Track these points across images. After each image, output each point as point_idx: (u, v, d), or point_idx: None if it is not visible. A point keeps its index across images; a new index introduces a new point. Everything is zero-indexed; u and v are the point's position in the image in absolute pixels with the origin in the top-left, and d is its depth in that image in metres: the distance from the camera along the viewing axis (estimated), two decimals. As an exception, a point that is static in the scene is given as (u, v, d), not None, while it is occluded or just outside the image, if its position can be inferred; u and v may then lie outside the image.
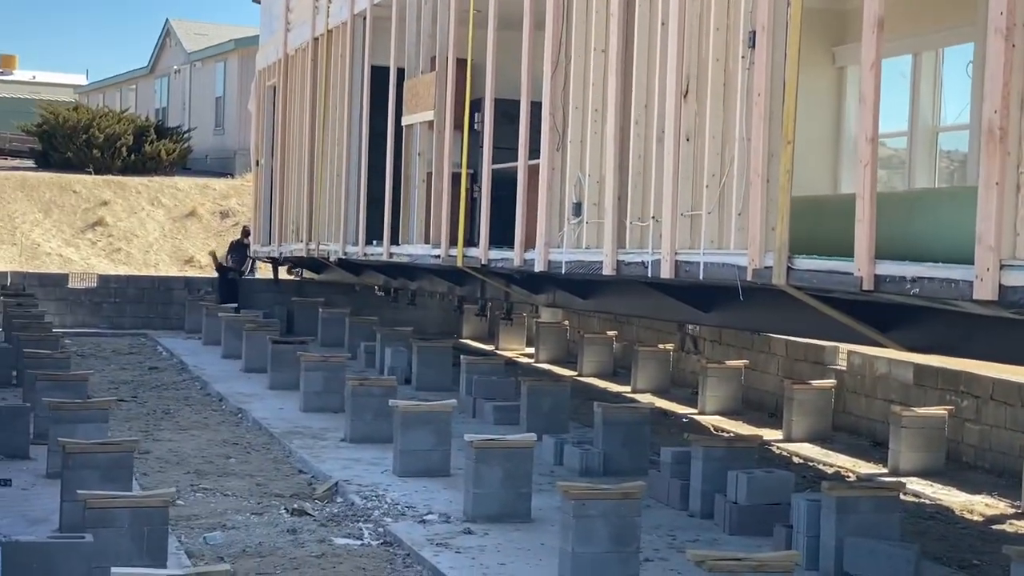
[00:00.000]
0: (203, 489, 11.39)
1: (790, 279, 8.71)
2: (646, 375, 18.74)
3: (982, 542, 10.52)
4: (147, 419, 15.17)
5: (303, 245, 21.87)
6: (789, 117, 8.71)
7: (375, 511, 10.53)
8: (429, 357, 17.95)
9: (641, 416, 12.66)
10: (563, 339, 22.59)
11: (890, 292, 7.86)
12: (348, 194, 19.41)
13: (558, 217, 12.45)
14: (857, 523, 8.87)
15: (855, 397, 15.80)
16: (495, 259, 14.18)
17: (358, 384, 13.83)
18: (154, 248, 31.22)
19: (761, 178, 8.98)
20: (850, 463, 13.81)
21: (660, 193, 10.46)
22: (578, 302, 14.55)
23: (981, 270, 6.87)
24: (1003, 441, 13.47)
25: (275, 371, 17.66)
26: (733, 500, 10.15)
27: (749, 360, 17.63)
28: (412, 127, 16.78)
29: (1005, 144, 6.76)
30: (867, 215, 7.84)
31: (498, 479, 10.21)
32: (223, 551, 9.24)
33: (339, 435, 13.86)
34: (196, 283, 26.36)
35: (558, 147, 12.43)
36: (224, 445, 13.63)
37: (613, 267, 11.22)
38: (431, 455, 11.95)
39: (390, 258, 17.67)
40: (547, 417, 14.21)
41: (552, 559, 8.76)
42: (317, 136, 21.15)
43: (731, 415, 16.68)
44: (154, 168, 35.21)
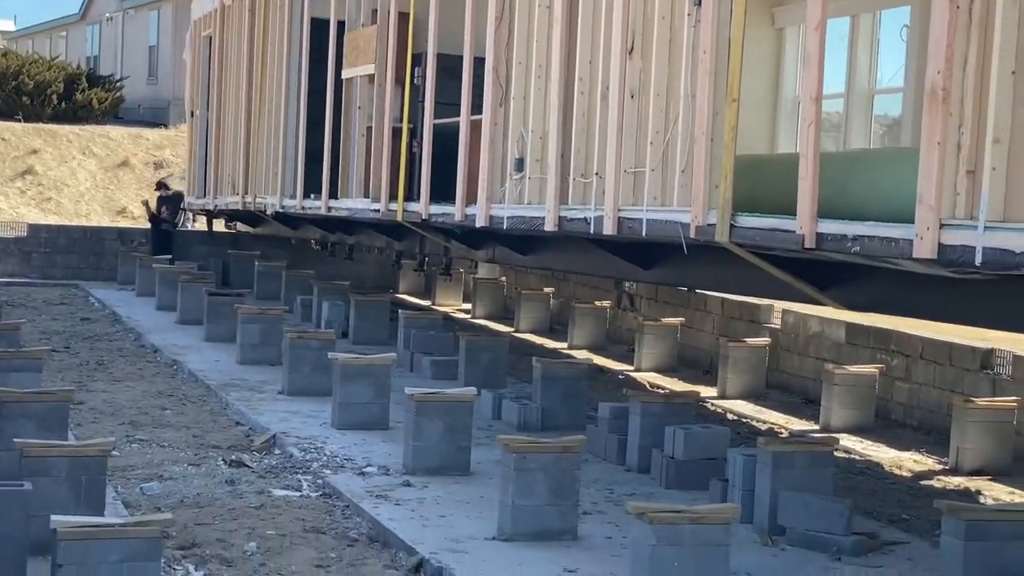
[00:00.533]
0: (139, 440, 11.31)
1: (733, 236, 8.78)
2: (583, 332, 18.84)
3: (911, 497, 10.73)
4: (80, 370, 15.03)
5: (239, 198, 21.68)
6: (734, 75, 8.75)
7: (314, 463, 10.53)
8: (367, 311, 17.91)
9: (579, 372, 12.74)
10: (500, 295, 22.64)
11: (831, 250, 7.96)
12: (286, 147, 19.26)
13: (500, 173, 12.45)
14: (791, 478, 9.00)
15: (788, 355, 16.00)
16: (435, 214, 14.15)
17: (296, 337, 13.78)
18: (85, 198, 30.81)
19: (705, 136, 9.03)
20: (783, 420, 14.01)
21: (604, 150, 10.48)
22: (518, 258, 14.57)
23: (921, 229, 6.97)
24: (931, 399, 13.72)
25: (211, 323, 17.54)
26: (670, 455, 10.26)
27: (685, 318, 17.78)
28: (352, 81, 16.66)
29: (947, 104, 6.84)
30: (810, 173, 7.92)
31: (438, 432, 10.23)
32: (160, 502, 9.20)
33: (276, 388, 13.81)
34: (129, 234, 26.07)
35: (501, 103, 12.40)
36: (159, 397, 13.54)
37: (555, 223, 11.24)
38: (370, 408, 11.95)
39: (328, 212, 17.57)
40: (485, 372, 14.25)
41: (491, 511, 8.81)
42: (255, 88, 20.92)
43: (667, 372, 16.83)
44: (85, 117, 34.70)
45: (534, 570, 7.83)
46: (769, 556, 8.50)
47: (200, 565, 7.79)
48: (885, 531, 9.27)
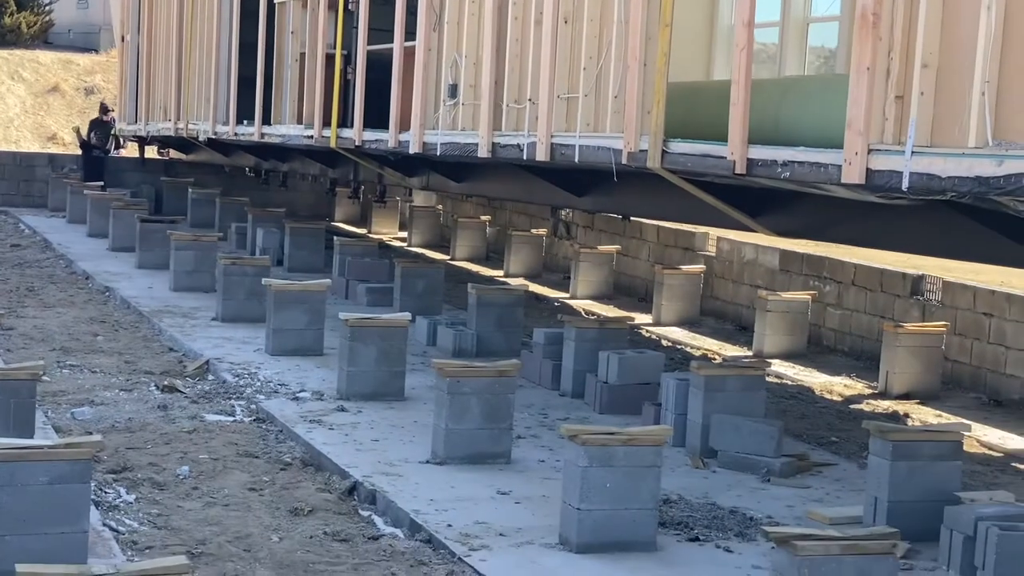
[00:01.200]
0: (70, 366, 11.24)
1: (664, 163, 8.81)
2: (519, 260, 18.89)
3: (840, 420, 10.91)
4: (10, 296, 14.85)
5: (171, 124, 21.41)
6: (667, 0, 8.73)
7: (247, 389, 10.52)
8: (302, 239, 17.82)
9: (514, 298, 12.78)
10: (436, 223, 22.61)
11: (762, 176, 8.01)
12: (219, 72, 19.00)
13: (434, 99, 12.38)
14: (723, 401, 9.12)
15: (723, 282, 16.15)
16: (369, 140, 14.07)
17: (230, 263, 13.69)
18: (15, 124, 30.29)
19: (638, 61, 9.02)
20: (717, 346, 14.16)
21: (537, 76, 10.45)
22: (452, 185, 14.55)
23: (850, 154, 7.04)
24: (862, 325, 13.92)
25: (144, 250, 17.38)
26: (604, 380, 10.35)
27: (621, 246, 17.86)
28: (285, 5, 16.46)
29: (878, 29, 6.88)
30: (741, 99, 7.95)
31: (372, 358, 10.25)
32: (92, 426, 9.16)
33: (210, 314, 13.74)
34: (60, 160, 25.69)
35: (435, 28, 12.30)
36: (91, 323, 13.43)
37: (488, 149, 11.22)
38: (304, 334, 11.93)
39: (261, 139, 17.41)
40: (421, 299, 14.26)
41: (425, 436, 8.87)
42: (186, 12, 20.59)
43: (602, 300, 16.93)
44: (14, 41, 34.02)
45: (467, 492, 7.90)
46: (700, 478, 8.64)
47: (132, 488, 7.79)
48: (814, 453, 9.45)
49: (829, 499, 8.33)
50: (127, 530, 7.06)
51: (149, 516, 7.34)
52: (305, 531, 7.21)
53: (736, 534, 7.44)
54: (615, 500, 6.95)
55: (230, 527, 7.21)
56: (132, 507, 7.48)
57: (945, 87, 6.66)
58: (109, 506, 7.44)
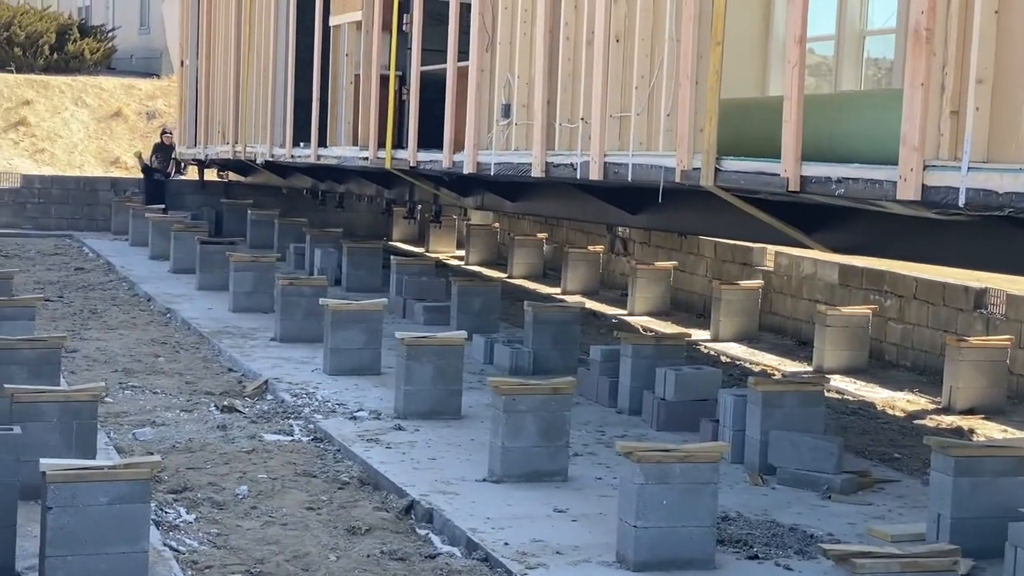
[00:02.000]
0: (132, 387, 11.38)
1: (717, 180, 8.79)
2: (576, 277, 18.89)
3: (903, 436, 10.81)
4: (74, 319, 15.07)
5: (229, 147, 21.63)
6: (719, 18, 8.72)
7: (305, 408, 10.60)
8: (359, 258, 17.94)
9: (571, 315, 12.79)
10: (493, 241, 22.67)
11: (815, 193, 7.97)
12: (275, 96, 19.19)
13: (487, 119, 12.43)
14: (782, 417, 9.07)
15: (781, 297, 16.06)
16: (424, 161, 14.14)
17: (288, 284, 13.82)
18: (79, 149, 30.69)
19: (690, 79, 9.02)
20: (776, 362, 14.08)
21: (589, 95, 10.47)
22: (507, 204, 14.59)
23: (905, 170, 6.99)
24: (924, 339, 13.78)
25: (204, 272, 17.57)
26: (661, 396, 10.33)
27: (678, 262, 17.82)
28: (340, 28, 16.60)
29: (931, 44, 6.84)
30: (794, 116, 7.92)
31: (429, 376, 10.29)
32: (153, 447, 9.27)
33: (269, 335, 13.86)
34: (122, 184, 26.03)
35: (487, 48, 12.36)
36: (152, 344, 13.60)
37: (542, 169, 11.25)
38: (361, 354, 12.01)
39: (317, 160, 17.55)
40: (477, 317, 14.30)
41: (482, 454, 8.89)
42: (243, 37, 20.82)
43: (660, 316, 16.89)
44: (77, 67, 34.50)
45: (524, 510, 7.92)
46: (759, 495, 8.60)
47: (191, 508, 7.87)
48: (876, 470, 9.37)
49: (891, 516, 8.26)
50: (187, 550, 7.14)
51: (208, 536, 7.42)
52: (363, 550, 7.25)
53: (796, 552, 7.40)
54: (672, 517, 6.94)
55: (288, 546, 7.27)
56: (192, 527, 7.56)
57: (1000, 102, 6.59)
58: (169, 526, 7.53)
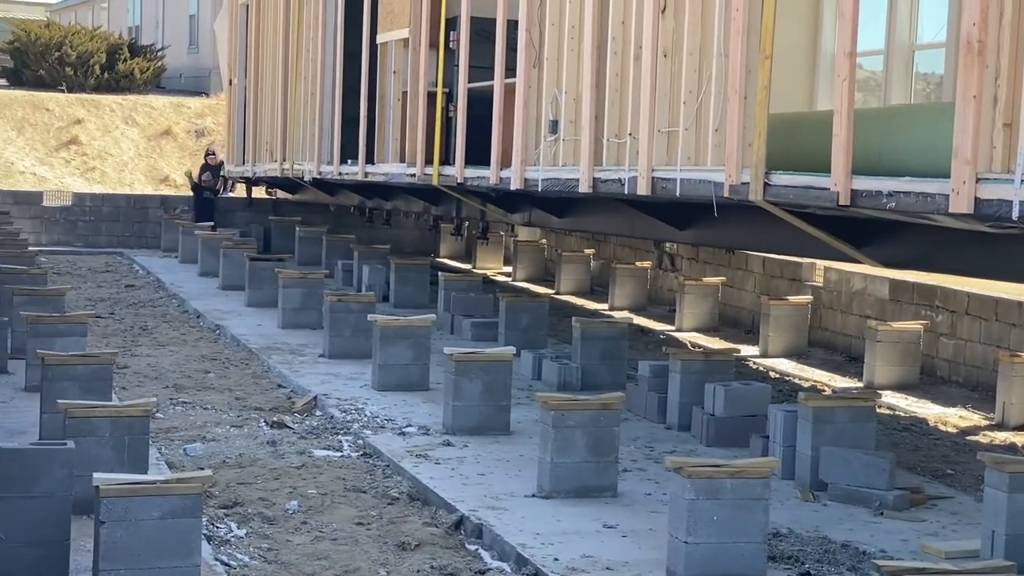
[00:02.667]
0: (182, 403, 11.46)
1: (767, 195, 8.76)
2: (624, 293, 18.84)
3: (955, 452, 10.70)
4: (125, 335, 15.20)
5: (277, 165, 21.77)
6: (767, 32, 8.70)
7: (354, 424, 10.63)
8: (407, 274, 17.99)
9: (619, 331, 12.76)
10: (540, 257, 22.68)
11: (866, 207, 7.92)
12: (322, 113, 19.30)
13: (534, 135, 12.44)
14: (833, 433, 9.01)
15: (831, 313, 15.95)
16: (471, 177, 14.17)
17: (337, 300, 13.87)
18: (129, 167, 31.00)
19: (738, 94, 8.99)
20: (826, 377, 13.99)
21: (637, 110, 10.46)
22: (554, 221, 14.58)
23: (957, 183, 6.94)
24: (977, 355, 13.64)
25: (253, 288, 17.68)
26: (710, 412, 10.28)
27: (726, 277, 17.75)
28: (387, 45, 16.67)
29: (983, 57, 6.79)
30: (844, 130, 7.88)
31: (477, 392, 10.30)
32: (203, 462, 9.33)
33: (317, 351, 13.93)
34: (172, 202, 26.27)
35: (535, 64, 12.38)
36: (203, 360, 13.69)
37: (589, 184, 11.24)
38: (410, 369, 12.03)
39: (365, 177, 17.63)
40: (525, 333, 14.30)
41: (531, 470, 8.88)
42: (291, 55, 20.97)
43: (708, 332, 16.83)
44: (128, 87, 34.87)
45: (573, 525, 7.90)
46: (810, 511, 8.54)
47: (242, 523, 7.91)
48: (929, 486, 9.28)
49: (945, 533, 8.18)
50: (238, 564, 7.17)
51: (259, 550, 7.45)
52: (412, 565, 7.26)
53: (848, 568, 7.34)
54: (723, 533, 6.90)
55: (338, 561, 7.28)
56: (243, 541, 7.60)
57: (1054, 113, 6.55)
58: (220, 540, 7.57)
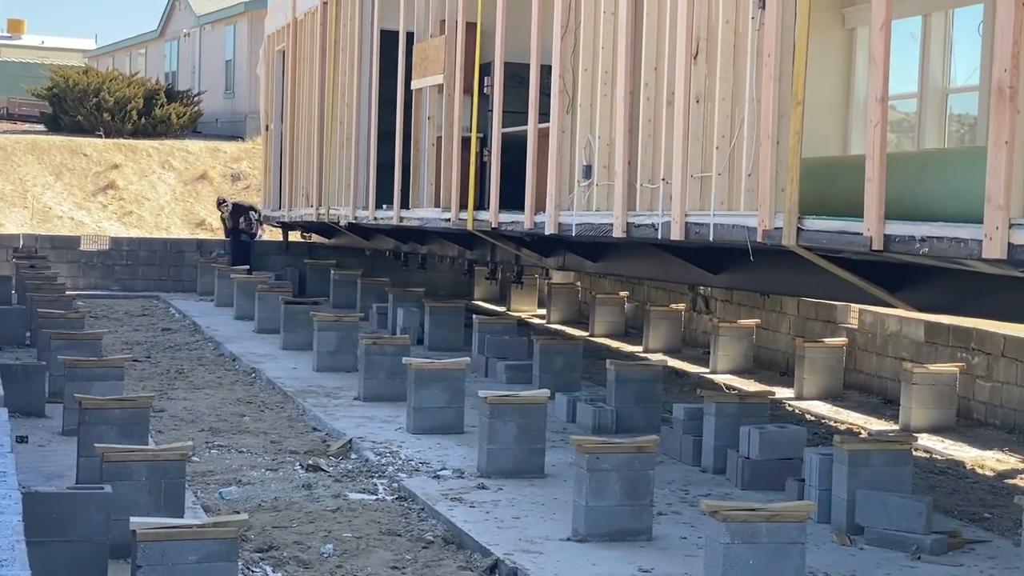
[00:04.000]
0: (218, 446, 11.53)
1: (800, 240, 8.79)
2: (658, 335, 18.85)
3: (993, 496, 10.64)
4: (161, 379, 15.32)
5: (313, 210, 21.94)
6: (799, 78, 8.76)
7: (389, 467, 10.68)
8: (441, 317, 18.07)
9: (653, 373, 12.77)
10: (575, 300, 22.71)
11: (899, 252, 7.94)
12: (358, 158, 19.47)
13: (568, 180, 12.52)
14: (869, 477, 8.98)
15: (866, 355, 15.91)
16: (505, 222, 14.25)
17: (371, 343, 13.95)
18: (165, 211, 31.31)
19: (771, 139, 9.05)
20: (861, 420, 13.94)
21: (670, 155, 10.53)
22: (588, 265, 14.63)
23: (990, 229, 6.95)
24: (1014, 397, 13.57)
25: (288, 331, 17.80)
26: (745, 455, 10.27)
27: (760, 319, 17.74)
28: (422, 91, 16.82)
29: (1015, 102, 6.82)
30: (877, 175, 7.92)
31: (512, 435, 10.33)
32: (239, 505, 9.39)
33: (352, 394, 14.00)
34: (208, 245, 26.50)
35: (568, 110, 12.48)
36: (238, 404, 13.78)
37: (623, 229, 11.29)
38: (445, 412, 12.08)
39: (400, 222, 17.74)
40: (559, 376, 14.33)
41: (566, 513, 8.90)
42: (327, 100, 21.19)
43: (743, 374, 16.80)
44: (164, 131, 35.28)
45: (608, 569, 7.90)
46: (847, 555, 8.50)
47: (277, 567, 7.95)
48: (966, 530, 9.23)
49: (981, 578, 8.14)
50: (274, 609, 7.21)
51: (295, 595, 7.49)
52: (447, 610, 7.27)
53: (883, 614, 7.30)
54: (758, 579, 6.89)
55: (374, 606, 7.30)
56: (279, 586, 7.64)
57: (1086, 158, 6.57)
58: (257, 585, 7.61)
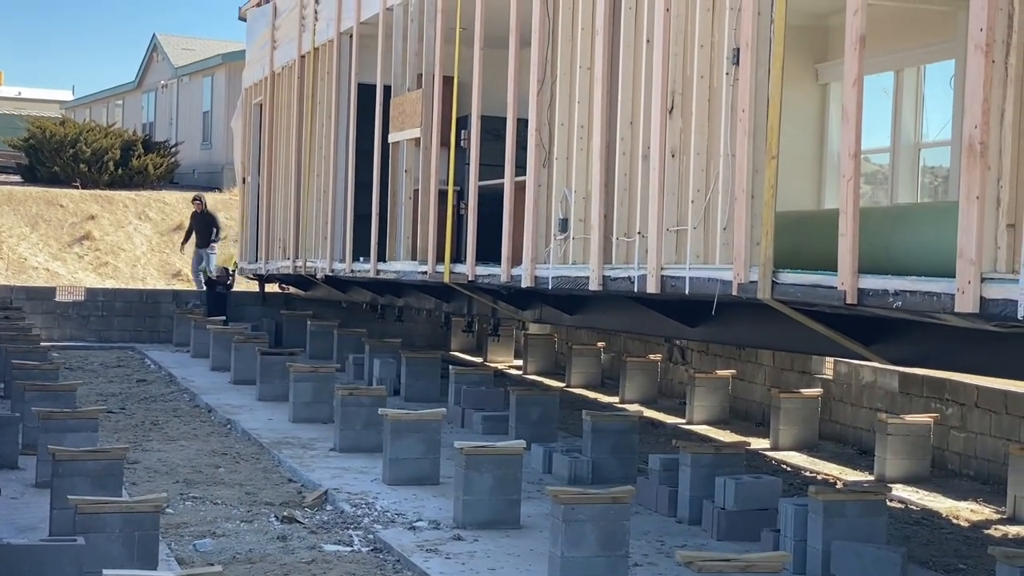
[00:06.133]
0: (192, 498, 11.49)
1: (775, 293, 8.85)
2: (634, 386, 18.89)
3: (967, 546, 10.68)
4: (136, 430, 15.25)
5: (290, 262, 21.95)
6: (773, 133, 8.87)
7: (365, 518, 10.65)
8: (418, 368, 18.07)
9: (629, 424, 12.80)
10: (551, 351, 22.74)
11: (873, 306, 8.01)
12: (335, 211, 19.52)
13: (545, 233, 12.58)
14: (844, 527, 9.02)
15: (841, 406, 15.98)
16: (482, 275, 14.28)
17: (348, 394, 13.95)
18: (141, 262, 31.26)
19: (746, 193, 9.13)
20: (837, 471, 13.99)
21: (646, 209, 10.60)
22: (565, 318, 14.67)
23: (962, 283, 7.01)
24: (988, 448, 13.65)
25: (264, 382, 17.76)
26: (721, 506, 10.29)
27: (736, 370, 17.80)
28: (399, 144, 16.90)
29: (985, 158, 6.91)
30: (850, 229, 7.99)
31: (488, 486, 10.33)
32: (213, 557, 9.34)
33: (328, 445, 13.97)
34: (184, 296, 26.46)
35: (544, 163, 12.57)
36: (213, 455, 13.73)
37: (599, 282, 11.35)
38: (420, 463, 12.07)
39: (377, 275, 17.76)
40: (536, 427, 14.35)
41: (542, 564, 8.89)
42: (304, 153, 21.26)
43: (719, 424, 16.85)
44: (141, 182, 35.28)
45: (583, 624, 7.89)
46: (821, 607, 8.52)
47: (254, 621, 7.92)
48: (940, 581, 9.26)
49: (955, 630, 8.16)
50: (250, 662, 7.17)
51: (271, 648, 7.45)
52: (423, 664, 7.24)
53: (858, 667, 7.31)
54: (733, 631, 6.89)
55: (350, 660, 7.27)
56: (254, 639, 7.60)
57: (1057, 214, 6.65)
58: (232, 638, 7.57)
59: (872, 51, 9.07)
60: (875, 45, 13.11)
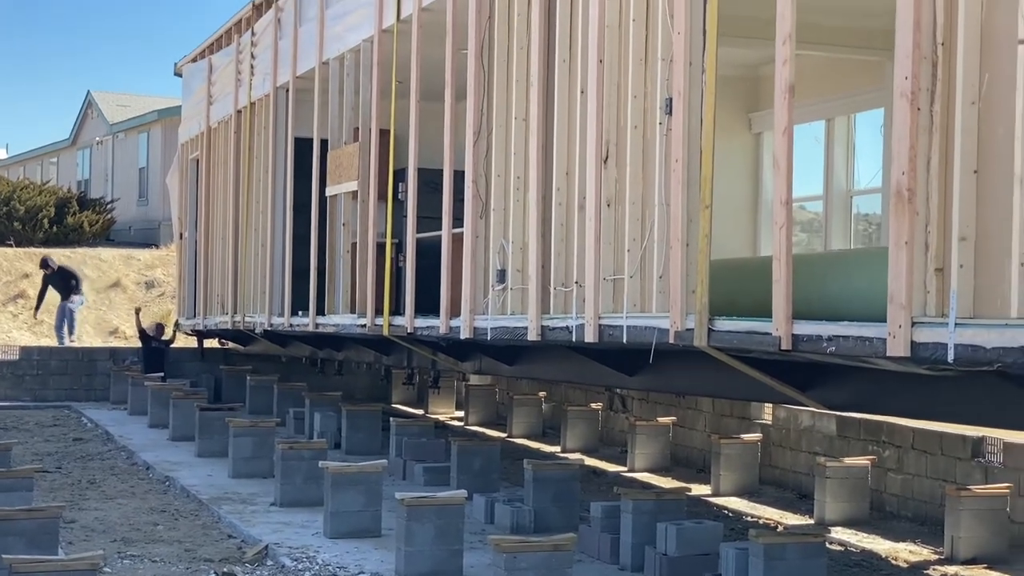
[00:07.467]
0: (130, 556, 11.33)
1: (711, 340, 8.92)
2: (576, 434, 18.92)
3: (905, 589, 10.77)
4: (72, 489, 15.04)
5: (228, 317, 21.83)
6: (707, 182, 8.97)
7: (306, 572, 10.56)
8: (359, 421, 17.99)
9: (570, 472, 12.81)
10: (492, 401, 22.74)
11: (808, 351, 8.09)
12: (273, 265, 19.47)
13: (483, 284, 12.62)
14: (784, 570, 9.08)
15: (781, 450, 16.09)
16: (421, 327, 14.29)
17: (288, 448, 13.85)
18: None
19: (680, 242, 9.22)
20: (777, 515, 14.06)
21: (583, 258, 10.68)
22: (504, 368, 14.70)
23: (893, 327, 7.10)
24: (924, 489, 13.79)
25: (203, 438, 17.59)
26: (663, 552, 10.32)
27: (677, 417, 17.88)
28: (336, 197, 16.92)
29: (913, 204, 7.03)
30: (784, 276, 8.08)
31: (430, 536, 10.29)
32: (155, 619, 9.23)
33: (269, 499, 13.86)
34: (121, 353, 26.20)
35: (481, 215, 12.63)
36: (152, 513, 13.57)
37: (538, 332, 11.40)
38: (362, 516, 12.00)
39: (316, 329, 17.70)
40: (477, 477, 14.32)
41: (485, 618, 8.87)
42: (241, 208, 21.22)
43: (660, 472, 16.89)
44: (77, 240, 35.01)
45: (527, 676, 7.86)
46: (762, 654, 8.55)
47: None
48: (879, 624, 9.33)
49: (895, 672, 8.21)
50: None
51: None
52: None
53: None
54: None
55: None
56: None
57: (984, 259, 6.72)
58: None
59: (803, 100, 9.24)
60: (806, 94, 13.39)
